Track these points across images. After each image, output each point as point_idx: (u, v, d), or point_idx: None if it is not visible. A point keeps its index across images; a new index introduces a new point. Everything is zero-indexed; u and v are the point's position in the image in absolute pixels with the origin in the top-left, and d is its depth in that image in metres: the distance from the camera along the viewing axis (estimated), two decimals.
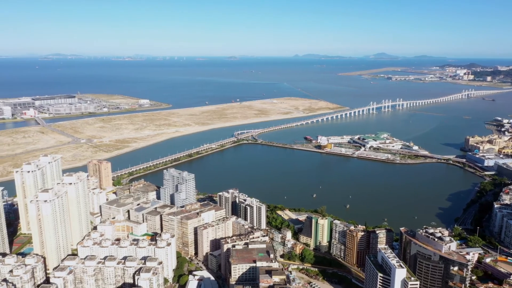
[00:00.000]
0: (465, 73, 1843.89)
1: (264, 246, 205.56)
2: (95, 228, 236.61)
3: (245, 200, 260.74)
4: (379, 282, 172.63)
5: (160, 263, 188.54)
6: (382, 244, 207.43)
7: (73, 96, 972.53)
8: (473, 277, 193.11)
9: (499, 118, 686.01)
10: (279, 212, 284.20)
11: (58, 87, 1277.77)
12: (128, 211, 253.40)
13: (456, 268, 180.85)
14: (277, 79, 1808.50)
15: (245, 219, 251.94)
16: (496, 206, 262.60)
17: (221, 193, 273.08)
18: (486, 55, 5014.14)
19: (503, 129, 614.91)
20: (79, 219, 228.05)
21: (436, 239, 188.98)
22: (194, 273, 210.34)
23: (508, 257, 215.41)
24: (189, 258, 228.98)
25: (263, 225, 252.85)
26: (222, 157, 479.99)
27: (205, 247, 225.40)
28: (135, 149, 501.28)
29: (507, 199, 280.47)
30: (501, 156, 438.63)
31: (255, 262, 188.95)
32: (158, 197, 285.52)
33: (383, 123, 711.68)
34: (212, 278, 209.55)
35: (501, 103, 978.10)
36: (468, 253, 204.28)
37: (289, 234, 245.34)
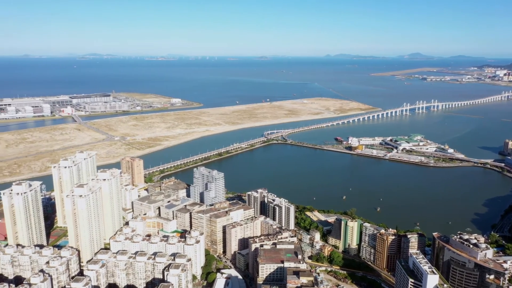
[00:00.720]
0: (505, 74, 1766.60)
1: (292, 246, 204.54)
2: (127, 223, 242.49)
3: (273, 200, 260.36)
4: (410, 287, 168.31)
5: (189, 260, 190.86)
6: (413, 249, 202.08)
7: (108, 94, 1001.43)
8: (510, 287, 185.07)
9: None
10: (308, 213, 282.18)
11: (94, 86, 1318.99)
12: (159, 207, 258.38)
13: (492, 277, 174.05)
14: (308, 79, 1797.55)
15: (274, 219, 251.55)
16: None
17: (250, 192, 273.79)
18: None
19: None
20: (112, 214, 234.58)
21: (471, 246, 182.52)
22: (222, 271, 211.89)
23: None
24: (217, 256, 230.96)
25: (292, 226, 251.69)
26: (251, 156, 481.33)
27: (233, 246, 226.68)
28: (167, 147, 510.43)
29: None
30: None
31: (282, 262, 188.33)
32: (188, 195, 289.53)
33: (416, 125, 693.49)
34: (240, 277, 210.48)
35: None
36: (505, 262, 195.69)
37: (317, 236, 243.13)
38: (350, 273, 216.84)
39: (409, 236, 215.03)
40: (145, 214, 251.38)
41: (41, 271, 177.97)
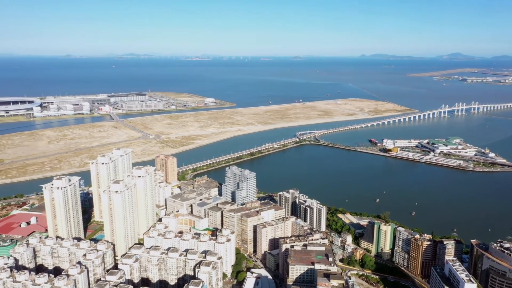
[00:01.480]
0: None
1: (323, 248, 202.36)
2: (160, 220, 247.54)
3: (305, 201, 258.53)
4: None
5: (220, 258, 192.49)
6: (450, 256, 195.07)
7: (144, 93, 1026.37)
8: None
9: None
10: (340, 215, 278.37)
11: (131, 85, 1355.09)
12: (191, 205, 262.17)
13: None
14: (342, 79, 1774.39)
15: (305, 220, 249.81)
16: None
17: (281, 192, 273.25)
18: None
19: None
20: (145, 210, 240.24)
21: None
22: (252, 270, 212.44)
23: None
24: (247, 255, 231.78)
25: (323, 228, 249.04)
26: (283, 157, 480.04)
27: (263, 246, 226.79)
28: (200, 146, 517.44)
29: None
30: None
31: (313, 264, 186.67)
32: (220, 193, 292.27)
33: (455, 128, 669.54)
34: (270, 277, 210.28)
35: None
36: None
37: (349, 239, 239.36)
38: (382, 278, 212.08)
39: (445, 242, 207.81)
40: (177, 211, 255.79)
41: (79, 263, 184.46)
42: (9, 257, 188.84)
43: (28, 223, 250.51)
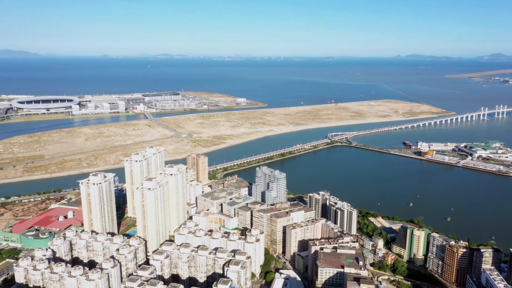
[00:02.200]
0: None
1: (353, 252, 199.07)
2: (190, 218, 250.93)
3: (335, 203, 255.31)
4: None
5: (249, 257, 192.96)
6: (487, 265, 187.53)
7: (178, 93, 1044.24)
8: None
9: None
10: (371, 219, 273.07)
11: (165, 84, 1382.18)
12: (221, 204, 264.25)
13: None
14: (376, 80, 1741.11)
15: (335, 222, 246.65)
16: None
17: (311, 194, 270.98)
18: None
19: None
20: (177, 208, 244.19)
21: None
22: (281, 271, 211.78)
23: None
24: (276, 256, 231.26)
25: (354, 231, 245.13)
26: (314, 158, 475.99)
27: (292, 247, 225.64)
28: (231, 146, 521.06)
29: None
30: None
31: (343, 267, 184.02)
32: (250, 193, 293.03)
33: (495, 131, 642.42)
34: (298, 279, 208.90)
35: None
36: None
37: (380, 243, 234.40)
38: (414, 284, 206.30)
39: (482, 250, 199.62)
40: (208, 210, 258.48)
41: (112, 257, 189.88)
42: (47, 249, 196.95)
43: (66, 217, 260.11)
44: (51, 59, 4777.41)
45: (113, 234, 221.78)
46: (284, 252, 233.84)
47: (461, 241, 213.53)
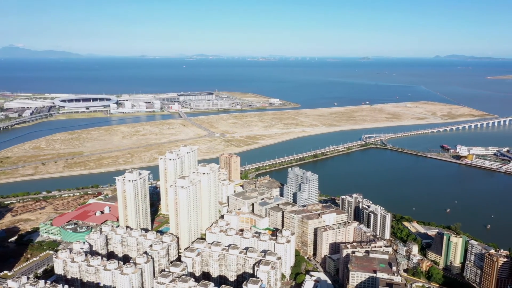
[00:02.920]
0: None
1: (386, 257, 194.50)
2: (222, 216, 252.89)
3: (369, 207, 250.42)
4: None
5: (279, 258, 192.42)
6: None
7: (211, 93, 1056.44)
8: None
9: None
10: (406, 224, 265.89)
11: (199, 84, 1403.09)
12: (253, 204, 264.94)
13: None
14: (413, 81, 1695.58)
15: (368, 226, 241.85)
16: None
17: (344, 196, 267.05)
18: None
19: None
20: (208, 206, 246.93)
21: None
22: (311, 273, 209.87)
23: None
24: (307, 257, 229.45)
25: (387, 235, 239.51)
26: (347, 160, 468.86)
27: (323, 249, 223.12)
28: (263, 146, 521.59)
29: None
30: None
31: (375, 272, 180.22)
32: (281, 194, 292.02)
33: None
34: (329, 282, 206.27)
35: None
36: None
37: (415, 248, 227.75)
38: None
39: None
40: (239, 209, 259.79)
41: (145, 253, 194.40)
42: (85, 242, 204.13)
43: (102, 212, 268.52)
44: (92, 59, 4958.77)
45: (146, 230, 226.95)
46: (315, 254, 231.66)
47: (502, 250, 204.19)
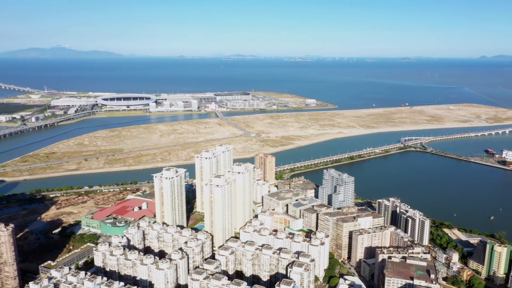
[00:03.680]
0: None
1: (424, 264, 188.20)
2: (256, 216, 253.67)
3: (406, 211, 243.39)
4: None
5: (313, 260, 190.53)
6: None
7: (248, 93, 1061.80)
8: None
9: None
10: (446, 230, 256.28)
11: (236, 84, 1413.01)
12: (287, 205, 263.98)
13: None
14: (456, 83, 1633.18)
15: (405, 231, 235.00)
16: None
17: (381, 200, 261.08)
18: None
19: None
20: (243, 206, 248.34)
21: None
22: (346, 277, 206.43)
23: None
24: (341, 261, 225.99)
25: (426, 241, 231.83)
26: (385, 163, 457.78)
27: (358, 253, 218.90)
28: (298, 147, 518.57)
29: None
30: None
31: (412, 279, 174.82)
32: (316, 195, 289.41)
33: None
34: (364, 286, 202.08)
35: None
36: None
37: (455, 256, 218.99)
38: None
39: None
40: (273, 210, 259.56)
41: (180, 249, 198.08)
42: (123, 236, 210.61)
43: (140, 208, 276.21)
44: (133, 59, 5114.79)
45: (182, 227, 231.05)
46: (349, 258, 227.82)
47: None
